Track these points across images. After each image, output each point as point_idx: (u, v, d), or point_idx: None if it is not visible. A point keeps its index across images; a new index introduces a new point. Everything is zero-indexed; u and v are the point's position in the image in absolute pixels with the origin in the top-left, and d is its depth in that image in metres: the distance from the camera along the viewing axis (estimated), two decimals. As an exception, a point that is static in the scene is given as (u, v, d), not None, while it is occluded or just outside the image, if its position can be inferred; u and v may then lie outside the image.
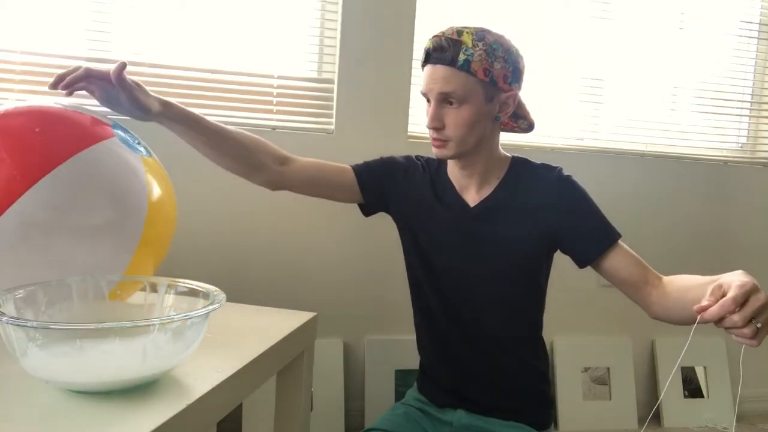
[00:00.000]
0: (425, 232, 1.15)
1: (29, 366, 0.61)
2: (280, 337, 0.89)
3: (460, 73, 1.00)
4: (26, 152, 0.79)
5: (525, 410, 1.10)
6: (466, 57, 0.99)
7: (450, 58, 1.00)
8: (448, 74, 1.01)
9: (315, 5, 1.78)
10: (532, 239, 1.09)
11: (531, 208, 1.08)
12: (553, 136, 2.00)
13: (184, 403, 0.62)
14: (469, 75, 1.00)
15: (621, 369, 2.05)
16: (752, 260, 2.20)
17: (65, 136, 0.84)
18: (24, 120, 0.85)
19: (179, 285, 0.78)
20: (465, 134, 1.03)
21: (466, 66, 0.99)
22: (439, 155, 1.07)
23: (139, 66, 1.65)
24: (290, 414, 1.03)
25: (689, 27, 2.12)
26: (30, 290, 0.70)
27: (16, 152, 0.79)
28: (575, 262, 1.10)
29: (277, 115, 1.75)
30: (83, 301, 0.75)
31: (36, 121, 0.84)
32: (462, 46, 1.00)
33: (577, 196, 1.09)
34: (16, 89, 1.57)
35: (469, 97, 1.01)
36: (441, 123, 1.03)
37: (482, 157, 1.09)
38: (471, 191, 1.12)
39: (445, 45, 1.00)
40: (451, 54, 1.00)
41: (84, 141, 0.84)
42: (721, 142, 2.22)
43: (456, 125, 1.03)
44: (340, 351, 1.81)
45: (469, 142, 1.04)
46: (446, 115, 1.03)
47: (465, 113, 1.02)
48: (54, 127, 0.85)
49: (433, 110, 1.03)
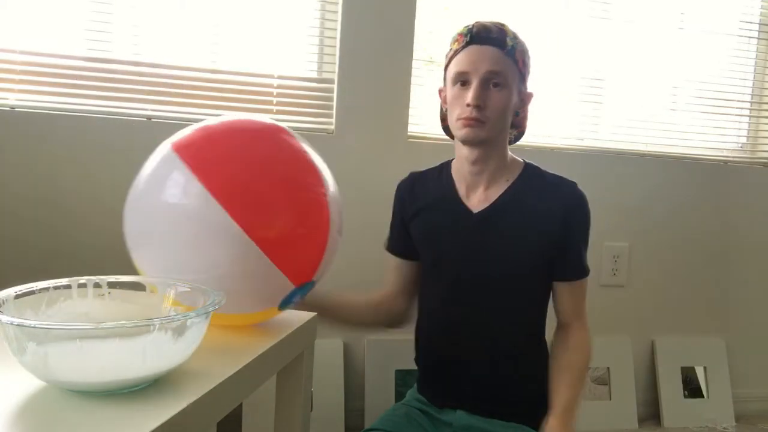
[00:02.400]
0: (429, 237, 1.16)
1: (29, 366, 0.61)
2: (280, 337, 0.89)
3: (507, 58, 1.03)
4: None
5: (525, 411, 1.11)
6: (513, 44, 1.03)
7: (499, 41, 1.03)
8: (497, 55, 1.03)
9: (315, 5, 1.78)
10: (534, 245, 1.09)
11: (536, 215, 1.09)
12: (553, 136, 2.00)
13: (184, 403, 0.62)
14: (513, 61, 1.03)
15: (621, 369, 2.05)
16: (752, 260, 2.21)
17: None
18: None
19: (179, 285, 0.78)
20: (501, 117, 1.05)
21: (512, 52, 1.03)
22: (471, 136, 1.04)
23: (139, 66, 1.65)
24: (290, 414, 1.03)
25: (689, 27, 2.12)
26: (30, 290, 0.70)
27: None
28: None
29: (277, 115, 1.75)
30: (83, 301, 0.75)
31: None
32: (507, 35, 1.04)
33: (580, 218, 1.11)
34: (16, 89, 1.57)
35: (511, 82, 1.04)
36: (484, 102, 1.03)
37: (496, 153, 1.10)
38: (478, 191, 1.12)
39: (493, 29, 1.03)
40: (500, 38, 1.03)
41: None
42: (721, 142, 2.22)
43: (496, 107, 1.03)
44: (340, 351, 1.81)
45: (499, 128, 1.06)
46: (488, 96, 1.03)
47: (506, 96, 1.04)
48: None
49: (478, 89, 1.02)
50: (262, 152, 0.73)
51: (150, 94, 1.65)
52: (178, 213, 0.70)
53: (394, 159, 1.78)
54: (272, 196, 0.71)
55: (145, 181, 0.75)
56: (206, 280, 0.70)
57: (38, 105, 1.58)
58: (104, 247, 1.63)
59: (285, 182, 0.73)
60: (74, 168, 1.59)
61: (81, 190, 1.59)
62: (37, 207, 1.57)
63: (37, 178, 1.56)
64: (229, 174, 0.69)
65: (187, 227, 0.70)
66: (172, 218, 0.71)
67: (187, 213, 0.70)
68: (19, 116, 1.55)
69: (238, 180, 0.69)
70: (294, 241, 0.73)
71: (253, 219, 0.68)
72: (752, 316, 2.22)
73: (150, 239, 0.74)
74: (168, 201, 0.71)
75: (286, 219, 0.71)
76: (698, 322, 2.17)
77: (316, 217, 0.76)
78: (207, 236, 0.69)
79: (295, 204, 0.73)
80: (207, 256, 0.71)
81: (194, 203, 0.69)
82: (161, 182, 0.72)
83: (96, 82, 1.62)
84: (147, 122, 1.63)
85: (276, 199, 0.71)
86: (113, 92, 1.63)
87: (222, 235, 0.69)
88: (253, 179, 0.70)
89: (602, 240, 2.00)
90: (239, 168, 0.70)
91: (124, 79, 1.64)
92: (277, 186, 0.71)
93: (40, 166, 1.56)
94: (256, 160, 0.72)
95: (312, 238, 0.75)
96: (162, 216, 0.71)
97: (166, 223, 0.71)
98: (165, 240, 0.72)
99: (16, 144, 1.55)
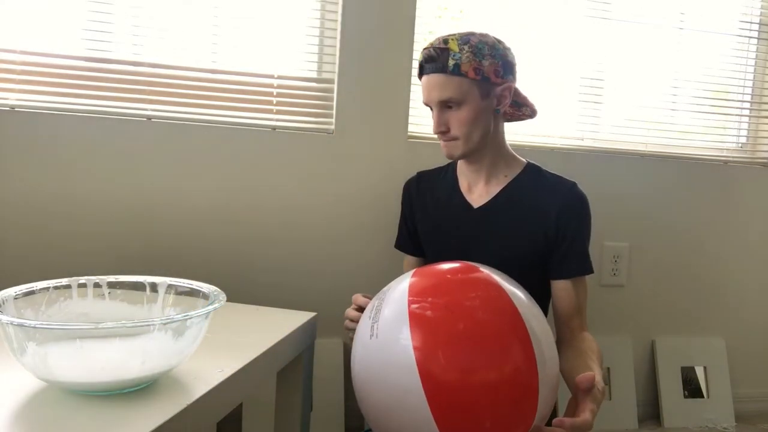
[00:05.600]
0: (434, 233, 1.18)
1: (29, 366, 0.61)
2: (280, 337, 0.89)
3: (453, 78, 1.07)
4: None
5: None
6: (455, 61, 1.06)
7: (441, 66, 1.07)
8: (442, 81, 1.07)
9: (315, 5, 1.78)
10: (529, 241, 1.10)
11: (533, 212, 1.10)
12: (553, 136, 2.00)
13: (184, 403, 0.62)
14: (461, 77, 1.06)
15: (621, 369, 2.05)
16: (752, 260, 2.21)
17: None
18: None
19: (179, 285, 0.78)
20: (469, 131, 1.09)
21: (456, 70, 1.06)
22: (450, 156, 1.13)
23: (139, 66, 1.65)
24: (290, 414, 1.03)
25: (689, 27, 2.12)
26: (30, 290, 0.70)
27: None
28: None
29: (277, 115, 1.75)
30: (83, 301, 0.75)
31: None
32: (450, 53, 1.06)
33: (578, 213, 1.11)
34: (16, 89, 1.57)
35: (466, 97, 1.07)
36: (446, 127, 1.11)
37: (489, 152, 1.14)
38: (479, 186, 1.16)
39: (435, 54, 1.08)
40: (441, 62, 1.07)
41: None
42: (721, 142, 2.22)
43: (459, 125, 1.09)
44: (340, 351, 1.81)
45: (474, 139, 1.10)
46: (449, 118, 1.10)
47: (465, 113, 1.08)
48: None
49: (437, 116, 1.10)
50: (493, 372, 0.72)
51: (150, 94, 1.65)
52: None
53: (394, 159, 1.78)
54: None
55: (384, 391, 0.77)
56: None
57: (38, 105, 1.58)
58: (104, 247, 1.63)
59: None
60: (74, 168, 1.59)
61: (81, 190, 1.59)
62: (37, 207, 1.57)
63: (37, 178, 1.56)
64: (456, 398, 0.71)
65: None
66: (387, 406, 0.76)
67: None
68: (19, 116, 1.55)
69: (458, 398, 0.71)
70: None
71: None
72: (752, 316, 2.22)
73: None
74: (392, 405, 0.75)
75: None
76: (698, 322, 2.17)
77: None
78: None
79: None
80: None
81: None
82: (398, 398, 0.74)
83: (96, 82, 1.62)
84: (147, 122, 1.63)
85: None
86: (113, 92, 1.63)
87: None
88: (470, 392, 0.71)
89: (602, 240, 2.00)
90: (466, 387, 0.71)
91: (124, 79, 1.64)
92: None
93: (40, 166, 1.56)
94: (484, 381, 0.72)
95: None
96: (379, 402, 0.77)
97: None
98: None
99: (16, 144, 1.55)
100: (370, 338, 0.78)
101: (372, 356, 0.77)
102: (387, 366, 0.75)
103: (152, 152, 1.63)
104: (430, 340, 0.73)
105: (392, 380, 0.74)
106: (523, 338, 0.74)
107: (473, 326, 0.74)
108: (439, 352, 0.72)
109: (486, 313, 0.75)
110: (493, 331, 0.74)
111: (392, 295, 0.81)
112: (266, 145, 1.70)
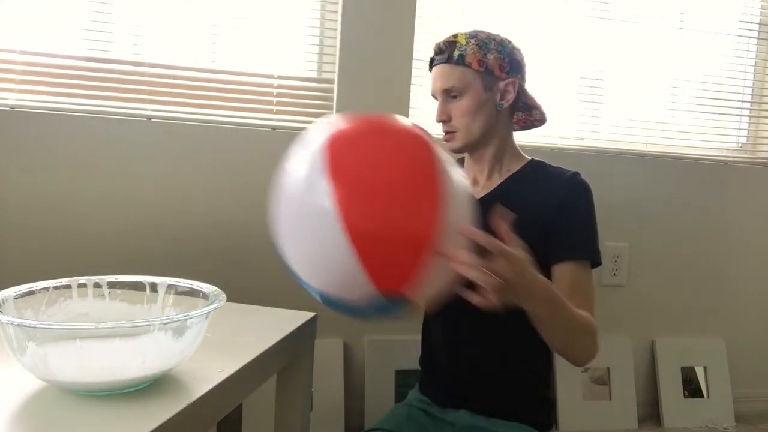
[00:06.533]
0: None
1: (29, 366, 0.61)
2: (280, 337, 0.89)
3: (457, 68, 1.09)
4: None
5: (527, 411, 1.10)
6: (460, 52, 1.09)
7: (447, 57, 1.10)
8: (446, 71, 1.11)
9: (315, 5, 1.78)
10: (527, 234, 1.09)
11: (534, 204, 1.09)
12: (553, 136, 2.00)
13: (184, 403, 0.62)
14: (465, 68, 1.09)
15: (621, 369, 2.05)
16: (752, 260, 2.21)
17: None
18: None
19: (179, 285, 0.78)
20: (469, 122, 1.11)
21: (460, 60, 1.09)
22: (449, 147, 1.14)
23: (139, 66, 1.65)
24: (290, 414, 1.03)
25: (689, 27, 2.12)
26: (30, 290, 0.70)
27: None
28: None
29: (277, 115, 1.75)
30: (83, 301, 0.75)
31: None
32: (457, 45, 1.10)
33: (578, 197, 1.10)
34: (16, 89, 1.57)
35: (467, 87, 1.10)
36: (447, 116, 1.12)
37: (492, 148, 1.15)
38: (481, 180, 1.17)
39: (443, 47, 1.12)
40: (448, 53, 1.10)
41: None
42: (721, 142, 2.22)
43: (459, 115, 1.11)
44: (340, 351, 1.81)
45: (473, 131, 1.11)
46: (451, 108, 1.12)
47: (465, 103, 1.10)
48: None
49: (440, 106, 1.13)
50: (395, 172, 0.75)
51: (150, 94, 1.66)
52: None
53: (394, 159, 1.78)
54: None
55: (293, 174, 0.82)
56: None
57: (38, 105, 1.58)
58: (104, 247, 1.63)
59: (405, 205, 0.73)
60: (74, 168, 1.59)
61: (81, 190, 1.59)
62: (37, 207, 1.57)
63: (37, 178, 1.56)
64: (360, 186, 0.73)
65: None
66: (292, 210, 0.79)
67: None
68: (19, 116, 1.55)
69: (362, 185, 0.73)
70: (388, 242, 0.71)
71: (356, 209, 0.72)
72: (752, 316, 2.22)
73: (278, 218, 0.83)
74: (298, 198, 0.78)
75: (388, 216, 0.72)
76: (698, 322, 2.17)
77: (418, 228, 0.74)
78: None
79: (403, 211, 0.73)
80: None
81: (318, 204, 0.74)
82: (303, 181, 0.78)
83: (96, 82, 1.62)
84: (147, 122, 1.63)
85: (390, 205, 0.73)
86: (113, 92, 1.63)
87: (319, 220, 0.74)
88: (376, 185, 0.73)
89: (602, 240, 1.98)
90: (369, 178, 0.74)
91: (124, 79, 1.64)
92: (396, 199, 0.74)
93: (40, 166, 1.56)
94: (387, 181, 0.74)
95: (409, 249, 0.73)
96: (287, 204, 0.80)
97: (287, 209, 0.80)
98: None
99: (16, 144, 1.55)
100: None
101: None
102: (295, 175, 0.79)
103: (152, 152, 1.63)
104: (340, 136, 0.77)
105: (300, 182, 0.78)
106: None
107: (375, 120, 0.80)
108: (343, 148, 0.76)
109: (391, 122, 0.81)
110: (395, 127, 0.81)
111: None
112: (266, 145, 1.70)
